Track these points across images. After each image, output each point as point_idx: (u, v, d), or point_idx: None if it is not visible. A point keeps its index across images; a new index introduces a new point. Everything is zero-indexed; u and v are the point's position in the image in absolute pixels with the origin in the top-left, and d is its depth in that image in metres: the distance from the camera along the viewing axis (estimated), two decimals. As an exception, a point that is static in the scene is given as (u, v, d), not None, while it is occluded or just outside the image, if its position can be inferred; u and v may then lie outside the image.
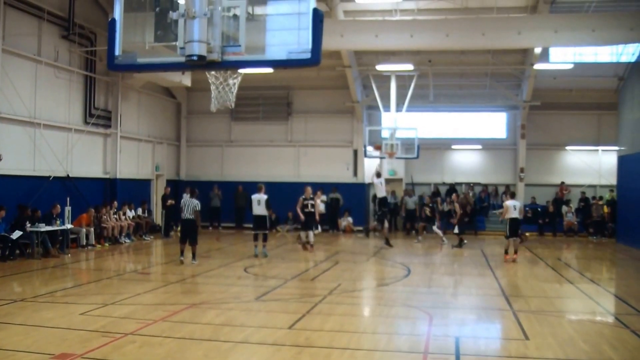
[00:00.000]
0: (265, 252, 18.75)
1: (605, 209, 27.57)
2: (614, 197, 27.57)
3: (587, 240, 27.20)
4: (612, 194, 28.02)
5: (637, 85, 24.28)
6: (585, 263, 20.54)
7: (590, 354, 8.58)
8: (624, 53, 26.23)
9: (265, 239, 18.83)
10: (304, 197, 20.22)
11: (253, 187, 28.40)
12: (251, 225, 19.69)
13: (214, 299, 12.22)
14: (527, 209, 29.72)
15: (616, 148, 26.93)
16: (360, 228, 26.80)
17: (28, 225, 17.78)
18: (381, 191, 22.72)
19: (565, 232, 28.20)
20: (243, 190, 28.83)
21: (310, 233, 20.27)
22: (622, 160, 25.91)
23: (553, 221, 28.65)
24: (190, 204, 16.95)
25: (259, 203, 18.57)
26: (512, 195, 20.54)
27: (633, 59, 25.06)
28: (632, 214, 23.89)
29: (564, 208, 28.63)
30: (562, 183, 29.59)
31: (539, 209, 29.25)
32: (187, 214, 17.00)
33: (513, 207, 19.03)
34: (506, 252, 18.97)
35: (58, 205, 19.24)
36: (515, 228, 18.99)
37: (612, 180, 27.72)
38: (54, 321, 9.85)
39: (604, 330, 10.18)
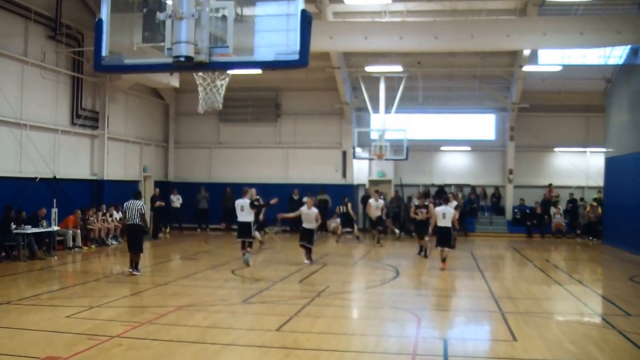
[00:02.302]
0: (247, 259, 17.25)
1: (599, 211, 27.65)
2: (601, 198, 27.71)
3: (574, 241, 27.30)
4: (600, 195, 28.14)
5: (625, 88, 24.41)
6: (572, 264, 20.63)
7: (577, 355, 8.59)
8: (611, 56, 26.36)
9: (250, 245, 17.68)
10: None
11: (239, 188, 28.54)
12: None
13: (201, 302, 12.16)
14: (515, 210, 29.88)
15: (604, 150, 27.05)
16: (349, 229, 26.72)
17: (14, 227, 17.64)
18: (377, 211, 23.07)
19: (554, 234, 28.30)
20: (231, 192, 28.75)
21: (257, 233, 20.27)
22: (610, 162, 26.03)
23: (541, 223, 28.72)
24: (134, 207, 15.27)
25: (242, 209, 17.55)
26: (446, 201, 18.22)
27: (620, 61, 25.18)
28: (619, 215, 24.00)
29: (552, 209, 28.71)
30: (550, 185, 29.69)
31: (527, 211, 29.34)
32: (133, 219, 15.26)
33: (442, 215, 17.13)
34: (443, 261, 17.15)
35: (44, 209, 19.13)
36: (444, 237, 17.00)
37: (600, 181, 27.84)
38: (39, 324, 9.77)
39: (591, 331, 10.20)
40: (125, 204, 15.62)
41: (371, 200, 23.99)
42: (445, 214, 17.06)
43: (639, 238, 21.71)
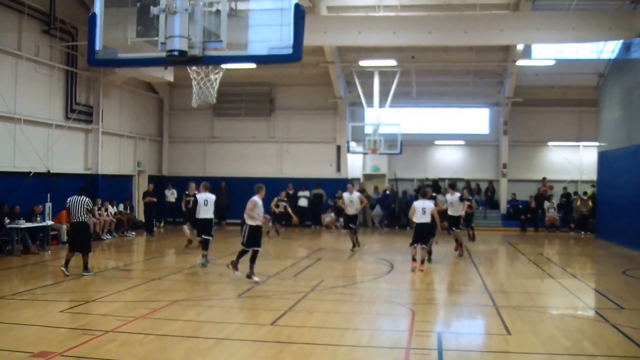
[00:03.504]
0: (204, 262, 16.04)
1: (590, 204, 27.74)
2: (594, 192, 27.81)
3: (568, 236, 27.40)
4: (593, 189, 28.23)
5: (617, 83, 24.48)
6: (566, 259, 20.70)
7: (570, 350, 8.63)
8: (604, 51, 26.43)
9: (206, 247, 16.27)
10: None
11: (236, 183, 28.58)
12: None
13: (195, 296, 12.17)
14: (507, 206, 29.98)
15: (596, 144, 27.14)
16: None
17: (7, 221, 17.60)
18: (352, 208, 20.35)
19: (547, 228, 28.41)
20: (226, 187, 28.81)
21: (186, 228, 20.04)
22: (602, 157, 26.11)
23: (535, 217, 28.82)
24: (78, 204, 14.29)
25: (206, 204, 16.34)
26: (424, 195, 16.39)
27: (613, 56, 25.25)
28: (611, 209, 24.09)
29: (546, 204, 28.81)
30: (544, 179, 29.78)
31: (520, 206, 29.44)
32: (77, 216, 14.26)
33: (422, 210, 15.69)
34: (414, 260, 15.86)
35: (40, 206, 19.15)
36: (422, 234, 15.70)
37: (593, 176, 27.94)
38: (33, 319, 9.76)
39: (585, 325, 10.25)
40: (68, 200, 14.62)
41: (345, 194, 21.14)
42: (425, 210, 15.64)
43: (631, 232, 21.80)
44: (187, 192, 20.24)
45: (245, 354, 8.37)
